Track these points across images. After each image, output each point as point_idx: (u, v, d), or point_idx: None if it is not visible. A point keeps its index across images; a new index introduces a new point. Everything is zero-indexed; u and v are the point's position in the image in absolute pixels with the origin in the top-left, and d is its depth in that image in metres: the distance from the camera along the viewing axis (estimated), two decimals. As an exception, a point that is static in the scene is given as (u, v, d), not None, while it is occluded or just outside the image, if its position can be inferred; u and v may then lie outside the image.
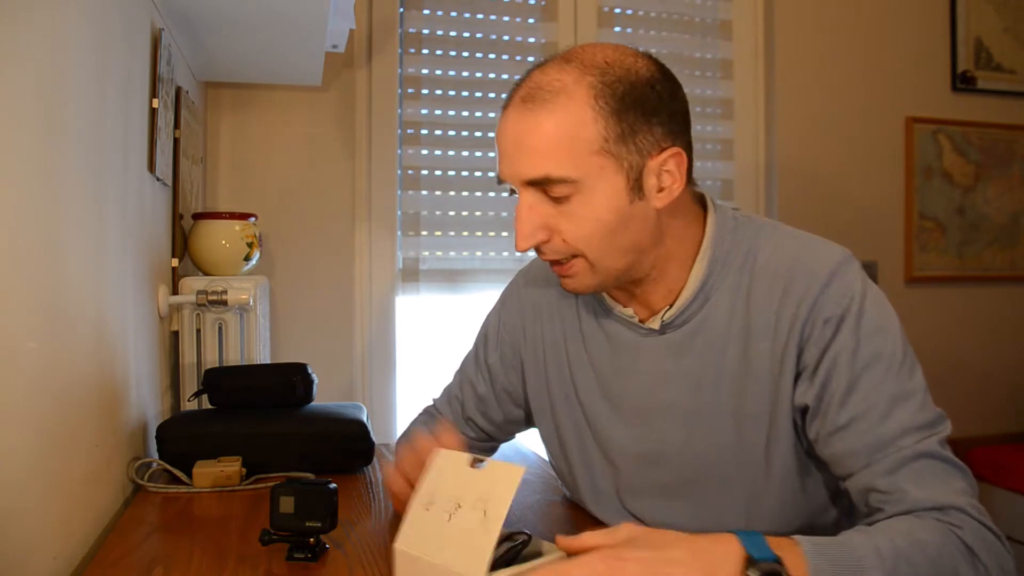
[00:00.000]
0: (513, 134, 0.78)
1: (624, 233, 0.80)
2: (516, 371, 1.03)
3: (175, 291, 1.50)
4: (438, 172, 2.16)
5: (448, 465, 0.69)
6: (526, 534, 0.67)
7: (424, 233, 2.15)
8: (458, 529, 0.63)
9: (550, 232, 0.80)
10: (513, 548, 0.65)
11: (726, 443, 0.85)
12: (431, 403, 1.13)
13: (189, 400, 1.46)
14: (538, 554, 0.67)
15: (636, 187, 0.79)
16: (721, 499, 0.87)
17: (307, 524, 0.79)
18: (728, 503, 0.86)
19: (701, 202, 0.89)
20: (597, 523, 0.97)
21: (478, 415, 1.06)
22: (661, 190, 0.80)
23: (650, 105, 0.78)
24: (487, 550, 0.60)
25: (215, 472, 1.09)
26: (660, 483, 0.89)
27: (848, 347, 0.77)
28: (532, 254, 0.87)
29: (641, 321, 0.89)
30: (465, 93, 2.18)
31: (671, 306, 0.86)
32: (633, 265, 0.83)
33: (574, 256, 0.81)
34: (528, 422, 1.06)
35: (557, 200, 0.78)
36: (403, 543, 0.66)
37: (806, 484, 0.85)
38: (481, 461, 0.66)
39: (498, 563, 0.63)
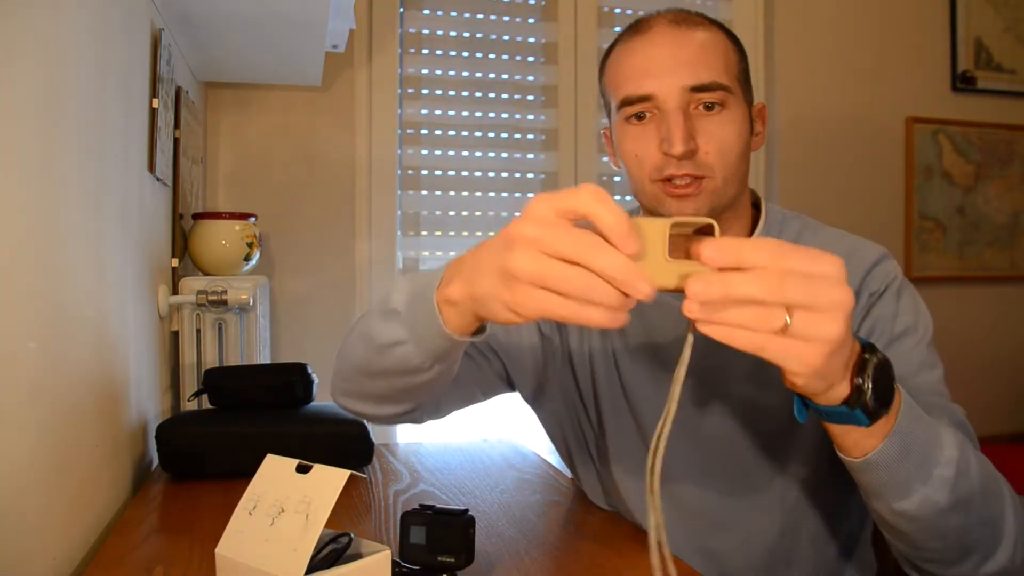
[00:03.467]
0: (672, 47, 0.82)
1: (744, 161, 0.85)
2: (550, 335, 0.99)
3: (175, 291, 1.50)
4: (438, 172, 2.16)
5: (274, 470, 0.69)
6: (349, 535, 0.67)
7: (424, 233, 2.15)
8: (280, 533, 0.63)
9: (696, 144, 0.82)
10: (336, 550, 0.66)
11: (759, 411, 0.87)
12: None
13: (189, 400, 1.46)
14: (360, 555, 0.68)
15: (751, 123, 0.87)
16: (753, 465, 0.89)
17: (439, 559, 0.73)
18: (759, 470, 0.88)
19: (753, 196, 0.95)
20: (599, 521, 0.97)
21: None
22: (756, 134, 0.89)
23: (748, 65, 0.89)
24: (306, 553, 0.60)
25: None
26: (692, 452, 0.90)
27: (888, 314, 0.83)
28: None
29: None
30: (465, 93, 2.18)
31: None
32: (734, 200, 0.87)
33: (698, 177, 0.82)
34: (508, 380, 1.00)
35: (709, 110, 0.82)
36: (223, 548, 0.67)
37: (835, 457, 0.87)
38: (308, 467, 0.67)
39: (320, 565, 0.63)
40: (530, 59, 2.23)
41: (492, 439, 1.49)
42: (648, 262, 0.53)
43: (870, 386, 0.58)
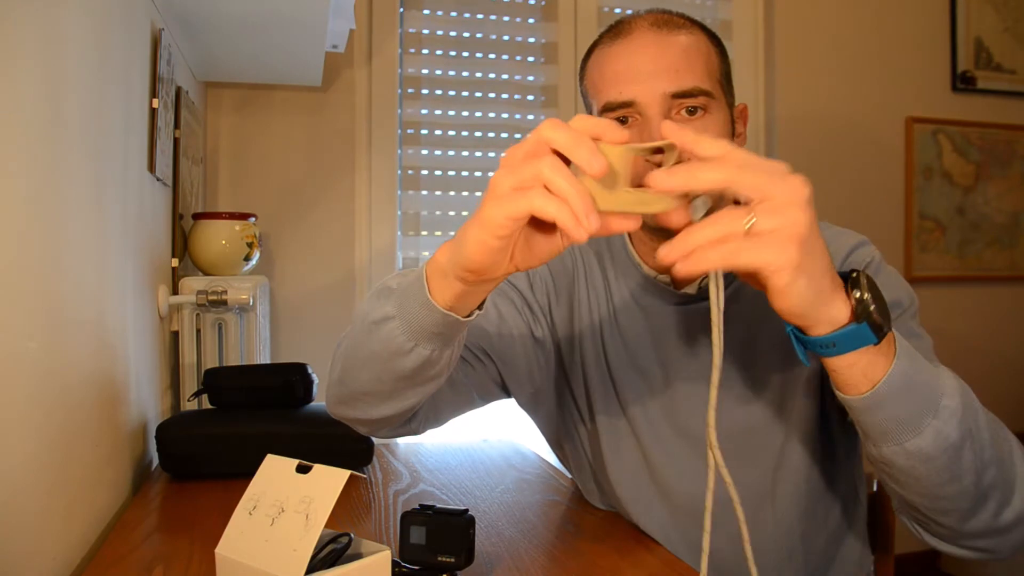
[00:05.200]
0: (653, 52, 0.81)
1: None
2: (545, 320, 0.98)
3: (175, 291, 1.50)
4: (438, 172, 2.17)
5: (274, 470, 0.69)
6: (349, 535, 0.67)
7: (424, 233, 2.15)
8: (280, 533, 0.63)
9: None
10: (336, 550, 0.66)
11: (756, 408, 0.88)
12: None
13: (189, 400, 1.46)
14: (360, 555, 0.68)
15: (732, 124, 0.86)
16: (749, 459, 0.89)
17: (439, 559, 0.74)
18: (755, 463, 0.89)
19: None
20: (598, 520, 0.97)
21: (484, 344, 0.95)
22: (738, 135, 0.88)
23: (730, 66, 0.88)
24: (306, 553, 0.61)
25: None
26: (688, 449, 0.90)
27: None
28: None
29: (676, 289, 0.90)
30: (465, 93, 2.18)
31: (707, 275, 0.88)
32: (716, 203, 0.87)
33: None
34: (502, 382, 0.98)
35: (691, 114, 0.81)
36: (223, 548, 0.67)
37: (827, 447, 0.89)
38: (308, 467, 0.67)
39: (320, 565, 0.63)
40: (530, 59, 2.23)
41: (492, 439, 1.49)
42: (606, 187, 0.57)
43: (869, 297, 0.59)
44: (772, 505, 0.89)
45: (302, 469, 0.67)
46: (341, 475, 0.65)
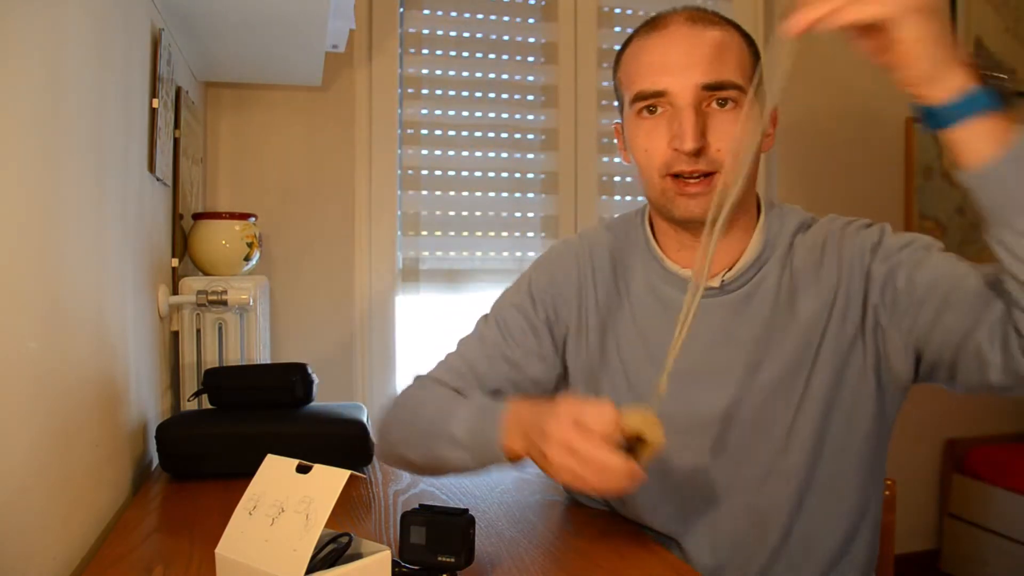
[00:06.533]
0: (687, 45, 0.84)
1: (753, 162, 0.85)
2: (550, 335, 1.00)
3: (175, 291, 1.50)
4: (438, 172, 2.16)
5: (274, 470, 0.69)
6: (349, 535, 0.67)
7: (424, 233, 2.15)
8: (280, 533, 0.64)
9: (706, 141, 0.83)
10: (336, 550, 0.66)
11: (775, 401, 0.88)
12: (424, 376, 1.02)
13: (189, 400, 1.46)
14: (360, 555, 0.68)
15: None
16: (758, 449, 0.89)
17: (439, 559, 0.74)
18: (763, 453, 0.88)
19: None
20: (598, 521, 0.97)
21: (506, 383, 0.98)
22: (767, 135, 0.90)
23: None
24: (306, 553, 0.61)
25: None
26: (704, 444, 0.90)
27: (900, 244, 0.87)
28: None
29: None
30: (465, 93, 2.18)
31: (730, 268, 0.90)
32: (740, 200, 0.87)
33: (709, 174, 0.84)
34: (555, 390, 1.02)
35: (722, 106, 0.83)
36: (223, 548, 0.67)
37: (871, 447, 0.90)
38: (308, 467, 0.67)
39: (320, 565, 0.63)
40: (530, 59, 2.23)
41: (492, 439, 1.49)
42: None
43: (991, 72, 0.65)
44: (787, 494, 0.89)
45: (302, 469, 0.67)
46: (341, 475, 0.65)
